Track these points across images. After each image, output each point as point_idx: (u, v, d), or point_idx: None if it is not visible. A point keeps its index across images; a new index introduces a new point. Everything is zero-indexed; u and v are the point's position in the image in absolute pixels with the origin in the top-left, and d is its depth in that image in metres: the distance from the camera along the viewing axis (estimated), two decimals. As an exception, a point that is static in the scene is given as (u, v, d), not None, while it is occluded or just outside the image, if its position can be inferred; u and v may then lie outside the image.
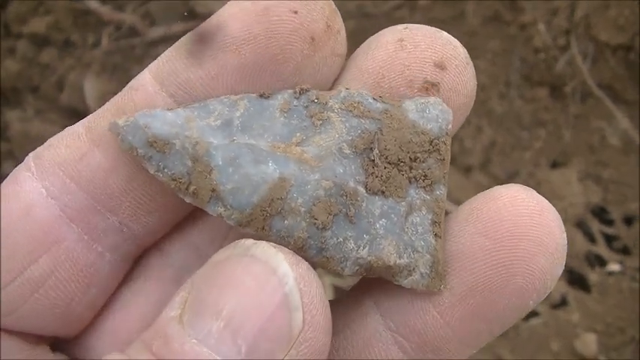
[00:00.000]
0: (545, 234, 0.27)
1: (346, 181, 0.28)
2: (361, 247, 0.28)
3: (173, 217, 0.31)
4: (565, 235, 0.28)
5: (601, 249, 1.13)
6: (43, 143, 1.00)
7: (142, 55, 1.23)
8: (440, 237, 0.29)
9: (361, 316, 0.30)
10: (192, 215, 0.32)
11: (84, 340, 0.31)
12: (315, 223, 0.27)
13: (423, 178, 0.29)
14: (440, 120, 0.30)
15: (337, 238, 0.28)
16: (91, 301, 0.30)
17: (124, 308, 0.31)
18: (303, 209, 0.27)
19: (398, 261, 0.28)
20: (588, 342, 1.07)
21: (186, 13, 1.21)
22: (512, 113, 1.19)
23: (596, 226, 1.14)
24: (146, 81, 0.29)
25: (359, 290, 0.31)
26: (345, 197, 0.28)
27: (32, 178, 0.28)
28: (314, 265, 0.27)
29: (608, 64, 1.15)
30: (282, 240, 0.27)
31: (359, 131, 0.29)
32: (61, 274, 0.28)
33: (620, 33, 1.13)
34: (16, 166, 0.92)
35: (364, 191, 0.28)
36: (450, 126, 0.30)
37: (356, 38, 1.26)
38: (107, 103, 0.30)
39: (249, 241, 0.26)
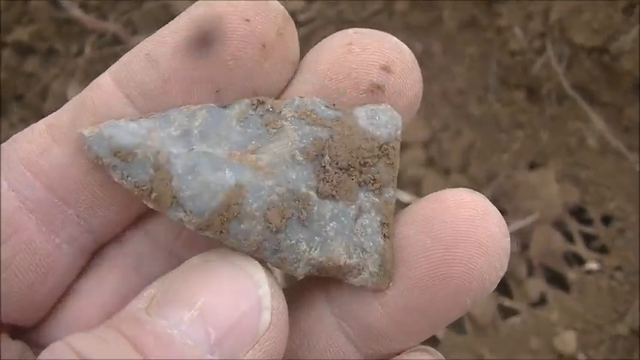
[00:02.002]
0: (486, 237, 0.28)
1: (298, 187, 0.29)
2: (313, 249, 0.29)
3: (131, 210, 0.32)
4: (508, 239, 0.29)
5: (579, 248, 1.14)
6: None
7: (124, 63, 1.24)
8: (388, 237, 0.30)
9: (309, 302, 0.32)
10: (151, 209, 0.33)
11: (43, 327, 0.32)
12: (269, 227, 0.28)
13: (372, 182, 0.30)
14: (389, 126, 0.31)
15: (290, 241, 0.29)
16: (50, 290, 0.31)
17: (83, 297, 0.32)
18: (258, 213, 0.28)
19: (348, 261, 0.30)
20: (567, 340, 1.08)
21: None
22: (490, 116, 1.20)
23: (574, 225, 1.16)
24: (106, 81, 0.30)
25: (310, 280, 0.33)
26: (297, 202, 0.29)
27: None
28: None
29: (583, 67, 1.16)
30: (238, 242, 0.28)
31: (311, 138, 0.30)
32: (20, 263, 0.30)
33: (595, 35, 1.14)
34: None
35: (316, 196, 0.29)
36: (399, 131, 0.31)
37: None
38: (68, 102, 0.31)
39: (227, 250, 0.28)
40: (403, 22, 1.20)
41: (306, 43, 1.33)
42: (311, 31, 1.20)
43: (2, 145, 0.30)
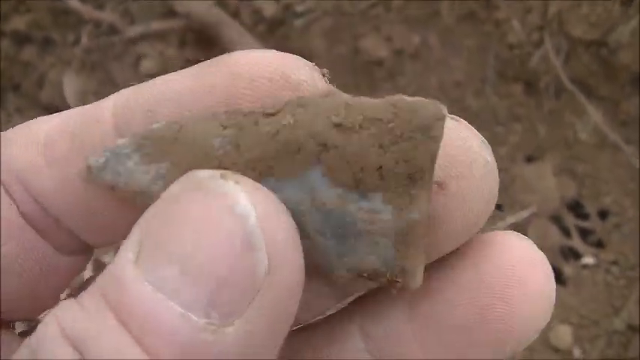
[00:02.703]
0: (534, 285, 0.27)
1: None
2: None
3: (128, 221, 0.31)
4: (554, 289, 0.27)
5: (576, 242, 1.14)
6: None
7: (121, 53, 1.24)
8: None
9: (343, 337, 0.30)
10: None
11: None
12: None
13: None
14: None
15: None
16: (53, 290, 0.31)
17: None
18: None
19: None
20: (563, 334, 1.08)
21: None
22: (488, 109, 1.20)
23: (571, 220, 1.16)
24: (109, 105, 0.30)
25: (343, 312, 0.31)
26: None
27: None
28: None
29: (581, 60, 1.16)
30: None
31: None
32: (23, 263, 0.29)
33: (593, 29, 1.14)
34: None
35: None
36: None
37: (332, 36, 1.27)
38: (69, 119, 0.30)
39: (204, 172, 0.23)
40: (401, 15, 1.20)
41: (305, 34, 1.33)
42: (308, 23, 1.20)
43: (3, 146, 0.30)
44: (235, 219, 0.21)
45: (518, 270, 0.27)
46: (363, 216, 0.24)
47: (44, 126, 0.30)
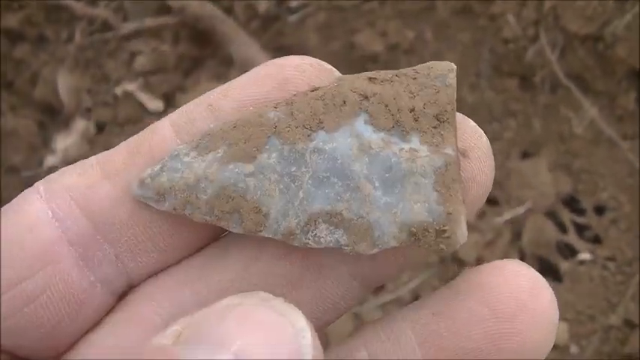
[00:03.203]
0: (542, 311, 0.29)
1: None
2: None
3: (167, 259, 0.31)
4: (558, 314, 0.29)
5: (572, 238, 1.14)
6: (17, 138, 1.00)
7: (115, 50, 1.24)
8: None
9: None
10: (186, 260, 0.32)
11: None
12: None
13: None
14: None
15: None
16: (78, 328, 0.30)
17: (100, 341, 0.31)
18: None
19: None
20: (559, 331, 1.07)
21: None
22: (483, 104, 1.20)
23: (567, 215, 1.15)
24: (163, 126, 0.30)
25: (352, 340, 0.32)
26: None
27: (40, 200, 0.29)
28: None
29: (576, 55, 1.16)
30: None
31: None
32: (52, 294, 0.29)
33: (589, 23, 1.14)
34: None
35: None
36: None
37: (327, 31, 1.26)
38: (124, 142, 0.31)
39: (266, 294, 0.26)
40: (395, 9, 1.20)
41: (299, 29, 1.32)
42: (302, 18, 1.20)
43: (49, 176, 0.30)
44: (293, 332, 0.24)
45: (526, 298, 0.28)
46: (405, 155, 0.28)
47: (94, 159, 0.31)
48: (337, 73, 0.31)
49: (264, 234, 0.28)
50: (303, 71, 0.30)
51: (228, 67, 1.21)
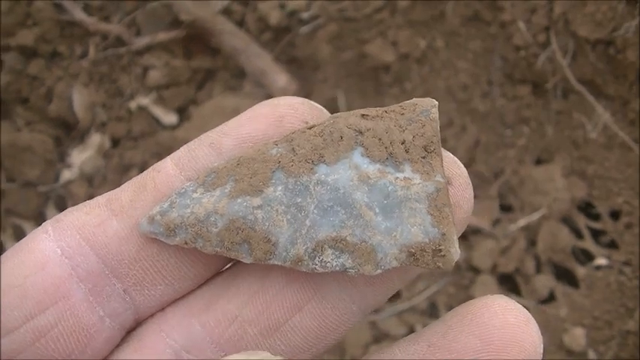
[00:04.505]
0: (529, 342, 0.30)
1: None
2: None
3: (174, 292, 0.33)
4: (542, 344, 0.31)
5: (588, 244, 1.13)
6: (32, 154, 1.01)
7: (128, 64, 1.24)
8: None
9: None
10: (193, 292, 0.33)
11: None
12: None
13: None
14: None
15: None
16: None
17: None
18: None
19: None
20: (577, 336, 1.07)
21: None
22: (496, 111, 1.19)
23: (582, 221, 1.15)
24: (167, 165, 0.32)
25: None
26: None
27: (49, 239, 0.31)
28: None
29: (588, 60, 1.15)
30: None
31: None
32: (63, 329, 0.30)
33: (599, 28, 1.14)
34: (5, 177, 0.94)
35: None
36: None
37: (338, 42, 1.26)
38: (129, 181, 0.33)
39: (268, 355, 0.27)
40: (406, 19, 1.20)
41: (311, 40, 1.33)
42: (314, 29, 1.20)
43: (57, 215, 0.31)
44: None
45: (514, 331, 0.31)
46: (400, 183, 0.31)
47: (101, 198, 0.32)
48: (327, 112, 0.34)
49: (273, 262, 0.30)
50: (296, 109, 0.33)
51: (240, 79, 1.21)
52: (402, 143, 0.31)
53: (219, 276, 0.33)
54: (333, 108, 1.19)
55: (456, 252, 0.30)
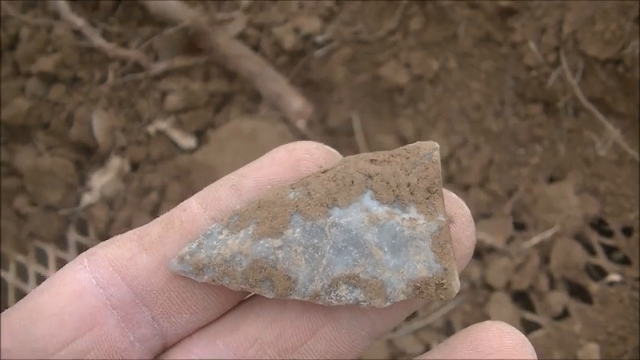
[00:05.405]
0: None
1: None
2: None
3: (200, 320, 0.35)
4: None
5: (601, 260, 1.15)
6: (53, 178, 1.03)
7: (146, 89, 1.26)
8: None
9: None
10: (217, 320, 0.36)
11: None
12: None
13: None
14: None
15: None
16: None
17: None
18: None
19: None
20: (591, 352, 1.09)
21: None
22: (508, 131, 1.21)
23: (595, 237, 1.16)
24: (192, 204, 0.35)
25: None
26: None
27: (84, 270, 0.33)
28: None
29: (597, 78, 1.17)
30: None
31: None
32: (99, 352, 0.33)
33: (608, 47, 1.15)
34: (27, 201, 0.97)
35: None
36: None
37: (352, 64, 1.28)
38: (158, 218, 0.35)
39: None
40: (418, 41, 1.21)
41: (325, 63, 1.34)
42: (329, 52, 1.22)
43: (92, 248, 0.34)
44: None
45: (511, 353, 0.33)
46: (406, 224, 0.33)
47: (132, 234, 0.35)
48: (340, 156, 0.37)
49: (293, 297, 0.33)
50: (311, 154, 0.35)
51: (256, 102, 1.23)
52: (408, 186, 0.34)
53: (241, 305, 0.36)
54: (348, 129, 1.21)
55: (456, 285, 0.33)
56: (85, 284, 0.33)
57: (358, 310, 0.34)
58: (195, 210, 0.34)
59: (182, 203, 0.35)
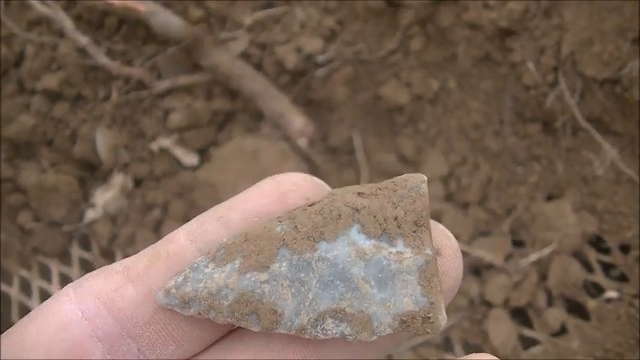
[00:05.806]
0: None
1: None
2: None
3: (185, 352, 0.35)
4: None
5: (598, 277, 1.16)
6: (57, 194, 1.05)
7: (150, 107, 1.28)
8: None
9: None
10: (203, 351, 0.36)
11: None
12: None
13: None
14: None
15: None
16: None
17: None
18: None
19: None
20: (589, 369, 1.10)
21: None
22: (507, 150, 1.22)
23: (592, 255, 1.17)
24: (179, 237, 0.35)
25: None
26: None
27: (70, 302, 0.33)
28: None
29: (595, 98, 1.18)
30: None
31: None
32: None
33: (606, 67, 1.17)
34: (31, 216, 0.98)
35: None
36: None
37: (353, 84, 1.29)
38: (144, 250, 0.35)
39: None
40: (419, 61, 1.23)
41: (327, 83, 1.36)
42: (330, 72, 1.23)
43: (78, 280, 0.34)
44: None
45: None
46: (393, 258, 0.33)
47: (118, 265, 0.35)
48: (327, 187, 0.37)
49: (279, 330, 0.33)
50: (298, 186, 0.36)
51: (259, 121, 1.25)
52: (395, 219, 0.34)
53: (228, 336, 0.36)
54: (349, 148, 1.23)
55: (443, 318, 0.33)
56: (71, 316, 0.33)
57: (344, 342, 0.35)
58: (182, 242, 0.35)
59: (168, 235, 0.35)
